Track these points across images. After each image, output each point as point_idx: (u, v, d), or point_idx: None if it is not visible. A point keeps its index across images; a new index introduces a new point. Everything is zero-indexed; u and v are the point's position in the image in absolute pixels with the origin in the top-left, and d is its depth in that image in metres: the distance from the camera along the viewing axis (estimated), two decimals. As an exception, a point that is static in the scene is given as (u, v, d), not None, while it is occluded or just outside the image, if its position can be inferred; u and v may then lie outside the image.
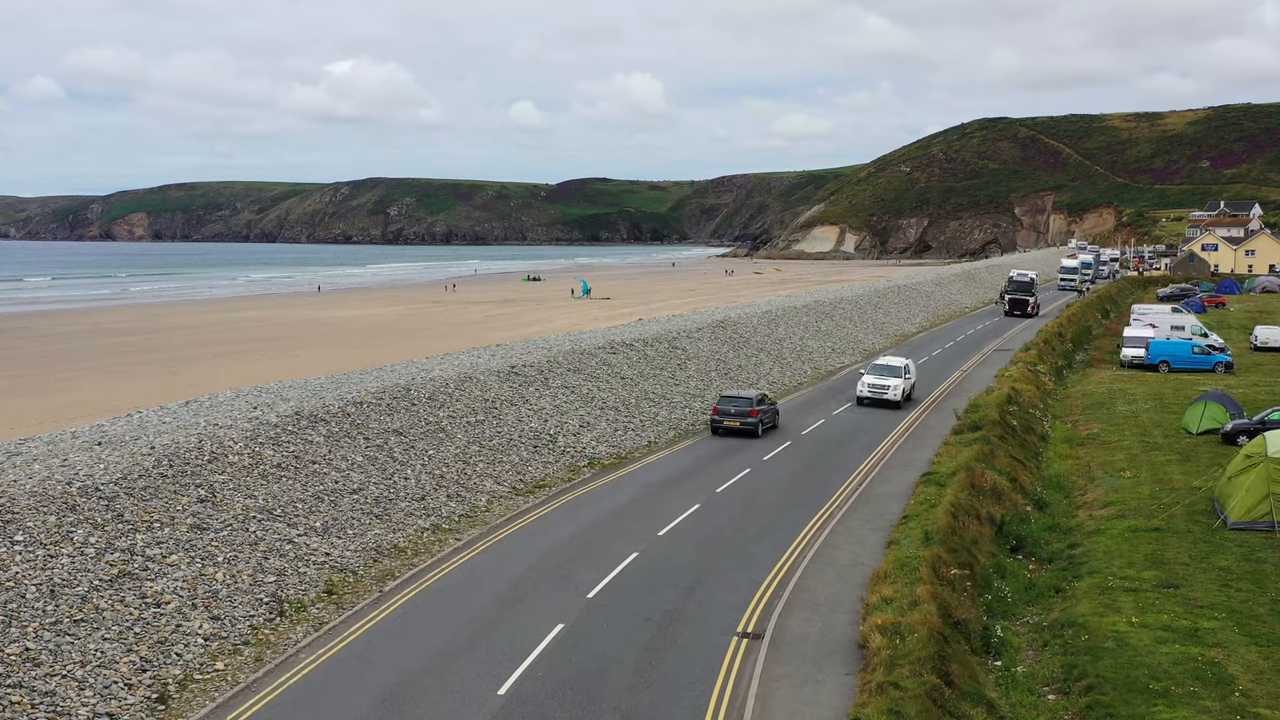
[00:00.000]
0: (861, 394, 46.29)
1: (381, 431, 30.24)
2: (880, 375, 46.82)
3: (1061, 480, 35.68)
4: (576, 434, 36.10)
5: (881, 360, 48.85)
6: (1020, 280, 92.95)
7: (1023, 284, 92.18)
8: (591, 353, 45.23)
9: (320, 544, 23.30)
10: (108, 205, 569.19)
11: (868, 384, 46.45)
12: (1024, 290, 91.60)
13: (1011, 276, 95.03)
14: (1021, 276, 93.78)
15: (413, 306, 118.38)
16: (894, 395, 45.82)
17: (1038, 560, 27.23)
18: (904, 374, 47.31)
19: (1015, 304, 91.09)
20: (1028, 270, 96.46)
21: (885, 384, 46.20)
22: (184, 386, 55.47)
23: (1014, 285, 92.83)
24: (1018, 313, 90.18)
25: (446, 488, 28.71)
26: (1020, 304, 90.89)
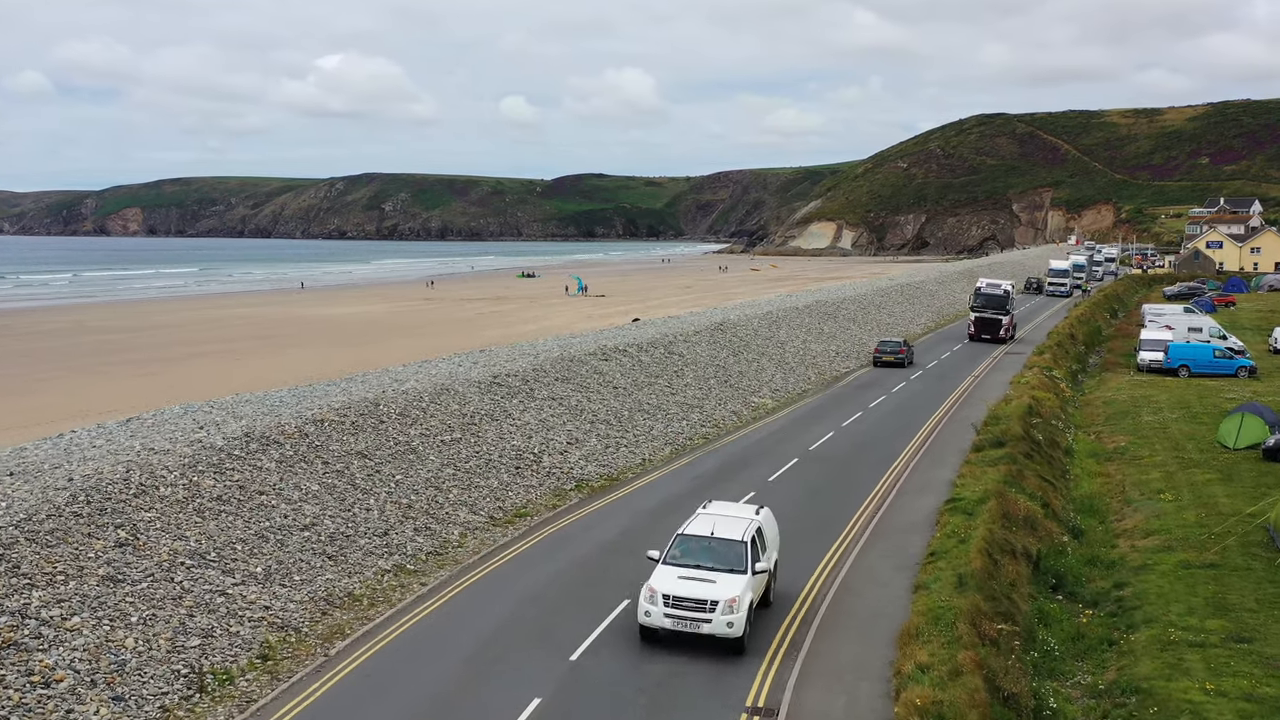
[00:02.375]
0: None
1: (343, 454, 27.01)
2: None
3: (1094, 503, 32.56)
4: (564, 452, 32.89)
5: None
6: (991, 294, 71.34)
7: (994, 299, 70.91)
8: (582, 360, 42.03)
9: (259, 594, 20.06)
10: (102, 200, 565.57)
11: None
12: (996, 306, 70.71)
13: (979, 289, 72.21)
14: (993, 289, 71.82)
15: (403, 304, 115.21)
16: None
17: (1080, 601, 24.11)
18: None
19: (984, 325, 70.18)
20: (1000, 281, 74.08)
21: None
22: (159, 389, 52.51)
23: (983, 300, 71.23)
24: (986, 336, 69.72)
25: (414, 519, 25.49)
26: (990, 325, 70.11)
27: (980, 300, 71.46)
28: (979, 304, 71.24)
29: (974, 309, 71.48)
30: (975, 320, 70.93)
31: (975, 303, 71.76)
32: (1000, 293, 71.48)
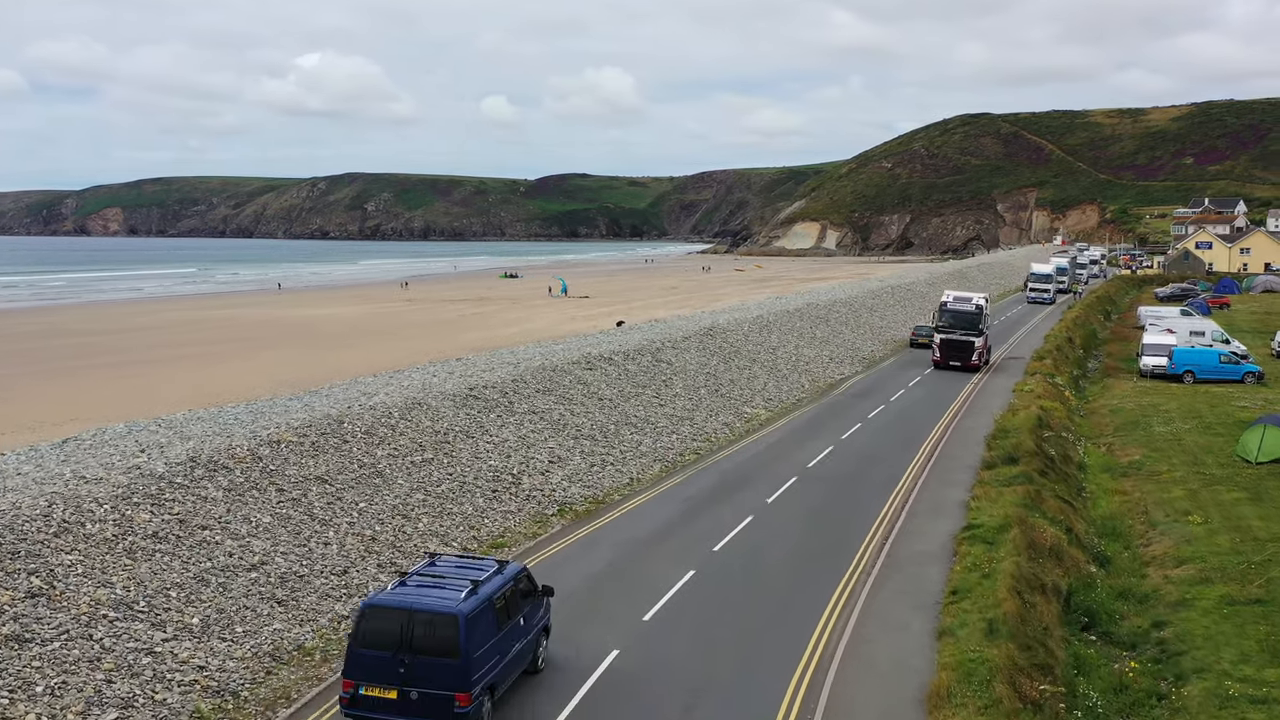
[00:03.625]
0: None
1: (301, 480, 24.42)
2: None
3: (1116, 525, 30.28)
4: (545, 472, 30.37)
5: None
6: (960, 310, 57.79)
7: (964, 316, 57.45)
8: (565, 369, 39.51)
9: (193, 651, 17.48)
10: (82, 200, 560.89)
11: None
12: (965, 325, 57.07)
13: (945, 304, 58.57)
14: (961, 304, 58.25)
15: (383, 305, 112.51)
16: None
17: (1117, 643, 21.78)
18: None
19: (951, 349, 56.87)
20: (970, 294, 60.44)
21: None
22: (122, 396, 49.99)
23: (949, 317, 57.73)
24: (954, 363, 56.69)
25: (378, 554, 22.93)
26: (959, 349, 56.69)
27: (947, 318, 57.69)
28: (945, 322, 57.51)
29: (939, 329, 57.63)
30: (941, 343, 57.10)
31: (940, 321, 57.83)
32: (971, 309, 57.74)
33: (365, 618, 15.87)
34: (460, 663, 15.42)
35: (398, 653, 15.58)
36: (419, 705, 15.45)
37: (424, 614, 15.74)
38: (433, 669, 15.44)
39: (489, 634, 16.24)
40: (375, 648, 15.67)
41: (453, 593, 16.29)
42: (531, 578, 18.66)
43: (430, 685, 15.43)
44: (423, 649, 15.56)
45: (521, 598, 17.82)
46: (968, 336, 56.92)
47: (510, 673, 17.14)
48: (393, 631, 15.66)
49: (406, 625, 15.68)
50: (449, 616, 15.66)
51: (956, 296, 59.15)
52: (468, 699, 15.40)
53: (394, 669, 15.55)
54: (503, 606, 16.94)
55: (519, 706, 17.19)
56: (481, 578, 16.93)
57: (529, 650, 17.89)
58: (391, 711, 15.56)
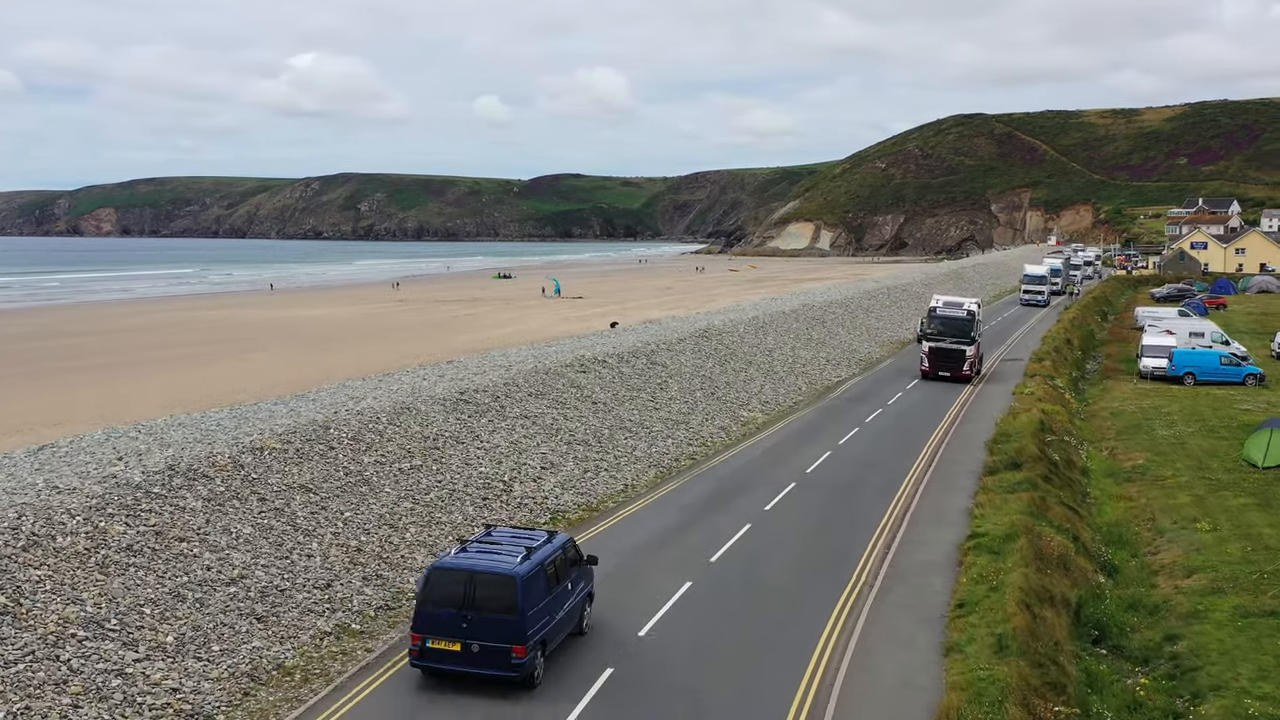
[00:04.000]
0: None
1: (284, 489, 23.59)
2: None
3: (1122, 532, 29.57)
4: (537, 479, 29.56)
5: None
6: (950, 316, 53.58)
7: (954, 323, 53.37)
8: (558, 372, 38.71)
9: (167, 672, 16.66)
10: (75, 200, 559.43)
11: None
12: (956, 333, 53.32)
13: (934, 309, 54.21)
14: (952, 309, 53.98)
15: (375, 306, 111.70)
16: None
17: (1128, 657, 21.05)
18: None
19: (940, 358, 53.17)
20: (962, 299, 56.08)
21: None
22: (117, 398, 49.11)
23: (939, 324, 53.59)
24: (944, 373, 53.06)
25: (363, 565, 22.11)
26: (949, 359, 53.00)
27: (936, 324, 53.53)
28: (934, 329, 53.44)
29: (926, 336, 53.61)
30: (929, 352, 53.22)
31: (929, 328, 53.62)
32: (962, 314, 53.50)
33: (431, 579, 17.49)
34: (517, 619, 17.05)
35: (461, 610, 17.20)
36: (480, 657, 17.09)
37: (485, 575, 17.40)
38: (492, 624, 17.07)
39: (541, 595, 17.82)
40: (440, 605, 17.28)
41: (509, 558, 17.94)
42: (577, 547, 20.15)
43: (490, 639, 17.04)
44: (483, 607, 17.18)
45: (569, 565, 19.41)
46: (958, 345, 53.03)
47: (560, 631, 18.63)
48: (456, 591, 17.32)
49: (469, 585, 17.35)
50: (507, 578, 17.31)
51: (946, 302, 54.93)
52: (524, 651, 17.06)
53: (457, 624, 17.18)
54: (553, 572, 18.44)
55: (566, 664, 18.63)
56: (534, 545, 18.58)
57: (576, 613, 19.45)
58: (455, 662, 17.25)
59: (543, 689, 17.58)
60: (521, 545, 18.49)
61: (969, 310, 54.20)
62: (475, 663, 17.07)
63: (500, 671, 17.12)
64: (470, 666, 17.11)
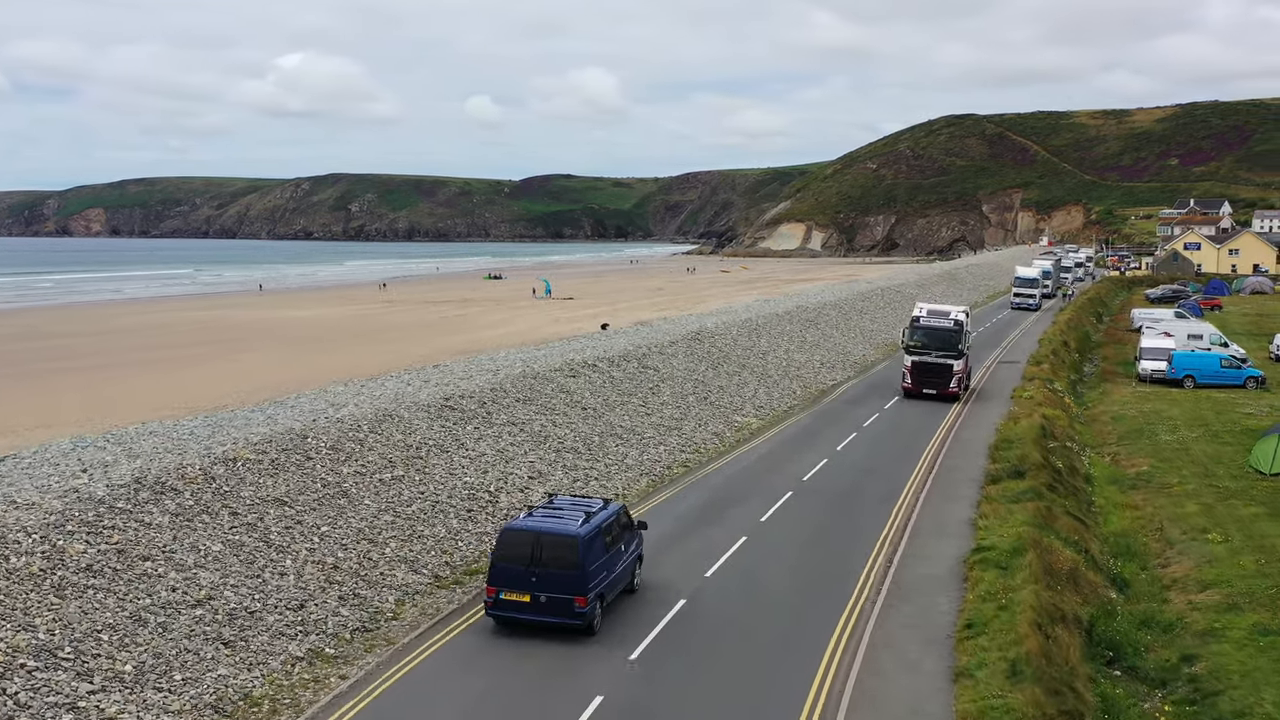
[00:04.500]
0: None
1: (257, 502, 22.45)
2: None
3: (1129, 543, 28.55)
4: (524, 489, 28.44)
5: None
6: (935, 327, 48.02)
7: (939, 334, 47.68)
8: (547, 377, 37.61)
9: (123, 705, 15.52)
10: (64, 200, 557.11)
11: None
12: (942, 345, 47.54)
13: (917, 318, 48.80)
14: (937, 319, 48.49)
15: (364, 306, 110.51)
16: None
17: (1144, 679, 20.04)
18: None
19: (925, 373, 47.47)
20: (948, 307, 50.41)
21: None
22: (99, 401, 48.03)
23: (923, 335, 48.01)
24: (929, 390, 47.37)
25: (340, 584, 20.96)
26: (934, 373, 47.29)
27: (919, 336, 47.79)
28: (917, 341, 47.75)
29: (909, 349, 47.93)
30: (912, 367, 47.59)
31: (912, 339, 47.94)
32: (948, 325, 47.87)
33: (503, 540, 19.89)
34: (579, 573, 19.34)
35: (529, 566, 19.48)
36: (547, 606, 19.43)
37: (550, 536, 19.72)
38: (557, 578, 19.35)
39: (599, 554, 20.15)
40: (512, 562, 19.61)
41: (571, 521, 20.31)
42: (630, 514, 22.65)
43: (555, 590, 19.34)
44: (549, 563, 19.44)
45: (622, 529, 21.63)
46: (944, 359, 47.19)
47: (615, 587, 21.02)
48: (525, 550, 19.61)
49: (536, 545, 19.64)
50: (571, 538, 19.67)
51: (931, 310, 49.43)
52: (585, 601, 19.36)
53: (527, 579, 19.48)
54: (609, 534, 20.80)
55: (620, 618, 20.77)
56: (593, 510, 21.03)
57: (628, 572, 21.81)
58: (525, 611, 19.57)
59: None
60: (581, 510, 20.79)
61: (956, 320, 48.36)
62: (542, 612, 19.30)
63: (564, 619, 19.36)
64: (538, 615, 19.32)
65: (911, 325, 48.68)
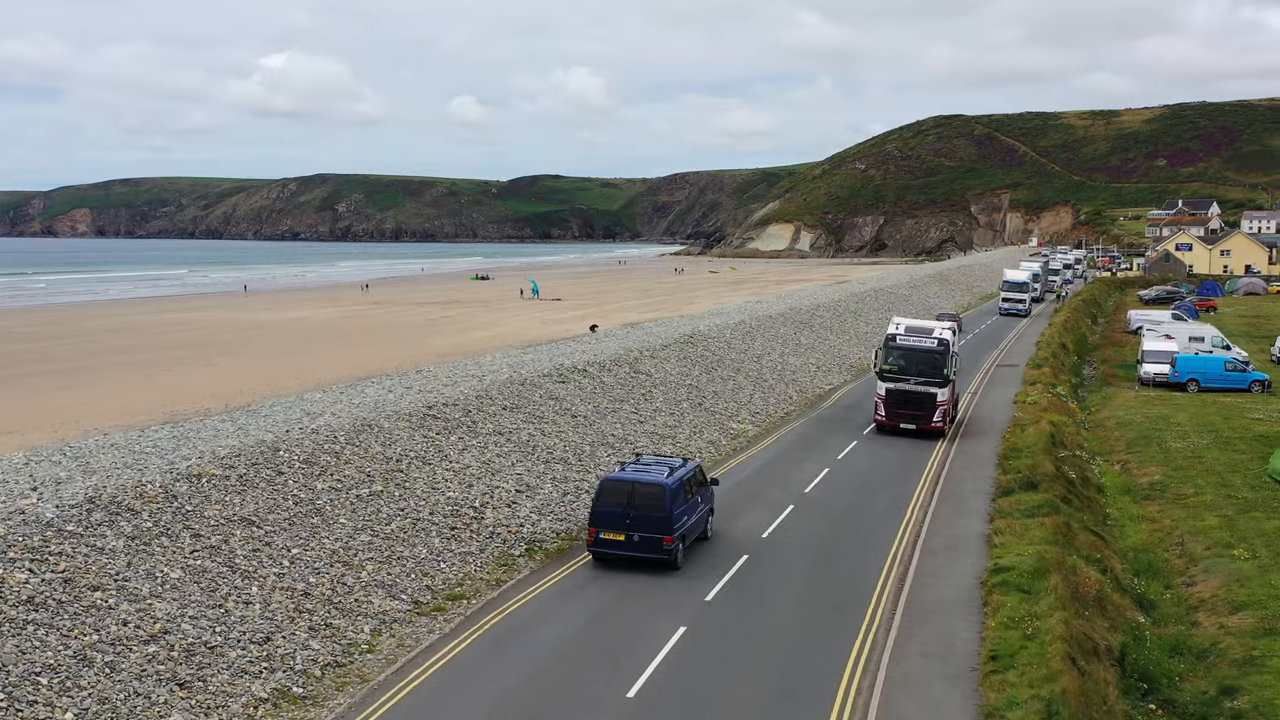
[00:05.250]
0: None
1: (222, 523, 20.75)
2: None
3: (1150, 559, 27.07)
4: (512, 504, 26.79)
5: None
6: (915, 347, 40.01)
7: (920, 355, 39.77)
8: (535, 383, 35.96)
9: (60, 762, 13.83)
10: (50, 201, 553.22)
11: None
12: (924, 369, 39.50)
13: (893, 336, 40.68)
14: (916, 338, 40.48)
15: (350, 308, 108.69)
16: None
17: (1182, 714, 18.53)
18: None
19: (903, 404, 39.35)
20: (930, 324, 42.54)
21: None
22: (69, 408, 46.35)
23: (900, 355, 40.09)
24: (908, 425, 39.30)
25: (311, 613, 19.27)
26: (914, 404, 39.28)
27: (896, 358, 39.76)
28: (893, 365, 39.66)
29: (884, 374, 39.72)
30: (887, 396, 39.37)
31: (886, 362, 39.84)
32: (930, 345, 39.71)
33: (603, 488, 23.60)
34: (666, 516, 23.00)
35: (625, 510, 23.13)
36: (639, 544, 23.10)
37: (642, 485, 23.39)
38: (648, 520, 23.01)
39: (681, 501, 23.70)
40: (610, 507, 23.28)
41: (658, 474, 24.04)
42: (704, 472, 26.64)
43: (647, 530, 23.01)
44: (642, 507, 23.07)
45: (697, 485, 25.25)
46: (926, 386, 38.96)
47: (693, 532, 24.59)
48: (622, 497, 23.28)
49: (631, 493, 23.31)
50: (660, 486, 23.33)
51: (910, 327, 41.08)
52: (671, 540, 23.01)
53: (622, 520, 23.17)
54: (688, 486, 24.41)
55: (694, 560, 24.25)
56: (675, 466, 24.74)
57: (702, 521, 25.36)
58: (620, 548, 23.26)
59: None
60: (666, 466, 24.60)
61: (939, 340, 39.87)
62: (635, 548, 22.90)
63: (654, 555, 22.98)
64: (631, 551, 22.95)
65: (886, 345, 40.43)
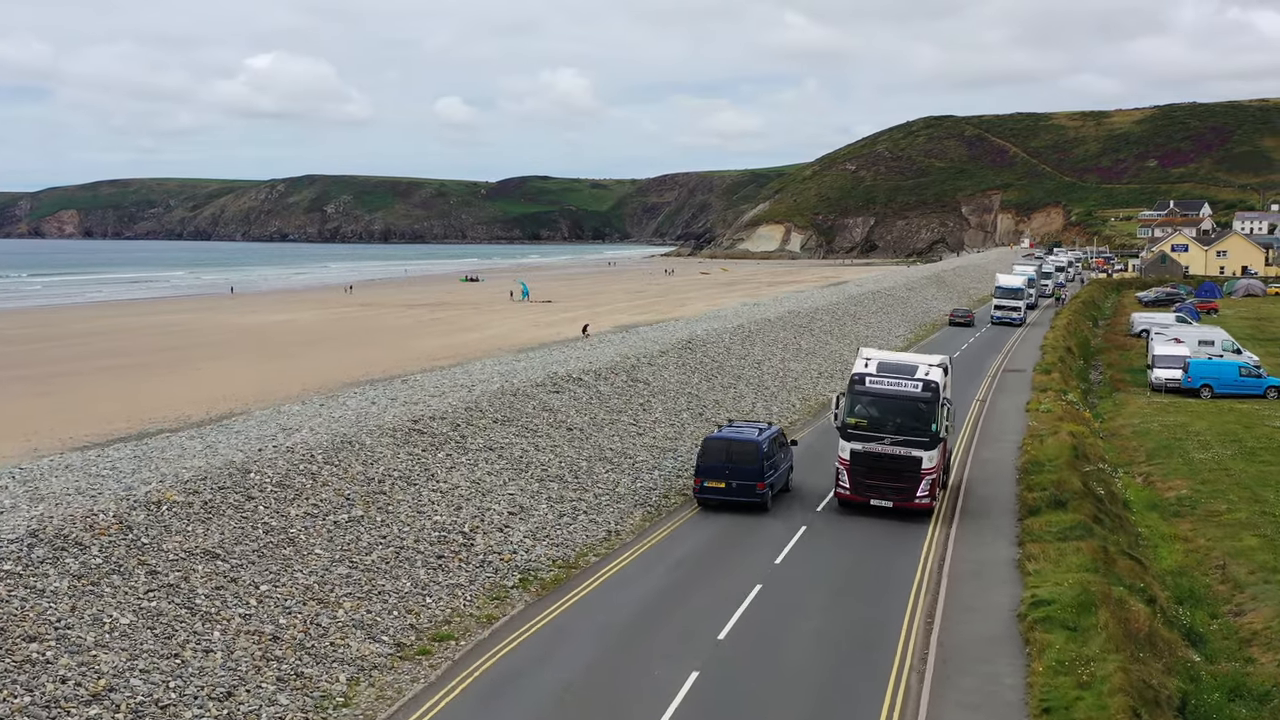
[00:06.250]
0: None
1: (182, 557, 18.67)
2: None
3: (1190, 585, 25.17)
4: (504, 528, 24.74)
5: None
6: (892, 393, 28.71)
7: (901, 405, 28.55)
8: (528, 393, 33.90)
9: None
10: (37, 202, 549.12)
11: None
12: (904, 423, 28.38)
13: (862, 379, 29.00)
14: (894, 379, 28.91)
15: (338, 310, 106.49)
16: None
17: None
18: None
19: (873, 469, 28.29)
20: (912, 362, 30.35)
21: None
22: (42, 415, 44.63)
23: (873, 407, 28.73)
24: (882, 499, 28.22)
25: (279, 662, 17.19)
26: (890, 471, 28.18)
27: (866, 407, 28.81)
28: (862, 417, 28.72)
29: (848, 430, 28.69)
30: (853, 460, 28.52)
31: (853, 412, 28.79)
32: (914, 390, 28.66)
33: (706, 446, 28.61)
34: (758, 467, 28.03)
35: (725, 463, 28.10)
36: (737, 490, 28.04)
37: (738, 442, 28.40)
38: (744, 471, 27.92)
39: (770, 456, 28.69)
40: (712, 461, 28.26)
41: (750, 433, 29.28)
42: (785, 435, 32.04)
43: (743, 479, 27.92)
44: (738, 461, 27.96)
45: (780, 445, 30.35)
46: (907, 448, 27.76)
47: (778, 483, 29.67)
48: (721, 452, 28.28)
49: (727, 449, 28.27)
50: (753, 443, 28.31)
51: (885, 364, 29.43)
52: (763, 486, 28.14)
53: (723, 471, 28.14)
54: (773, 446, 29.38)
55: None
56: (763, 428, 29.99)
57: (783, 477, 30.38)
58: (721, 494, 28.24)
59: None
60: (754, 427, 29.90)
61: (926, 382, 28.33)
62: (734, 494, 27.91)
63: (749, 499, 28.05)
64: (730, 496, 27.94)
65: (852, 390, 28.67)
